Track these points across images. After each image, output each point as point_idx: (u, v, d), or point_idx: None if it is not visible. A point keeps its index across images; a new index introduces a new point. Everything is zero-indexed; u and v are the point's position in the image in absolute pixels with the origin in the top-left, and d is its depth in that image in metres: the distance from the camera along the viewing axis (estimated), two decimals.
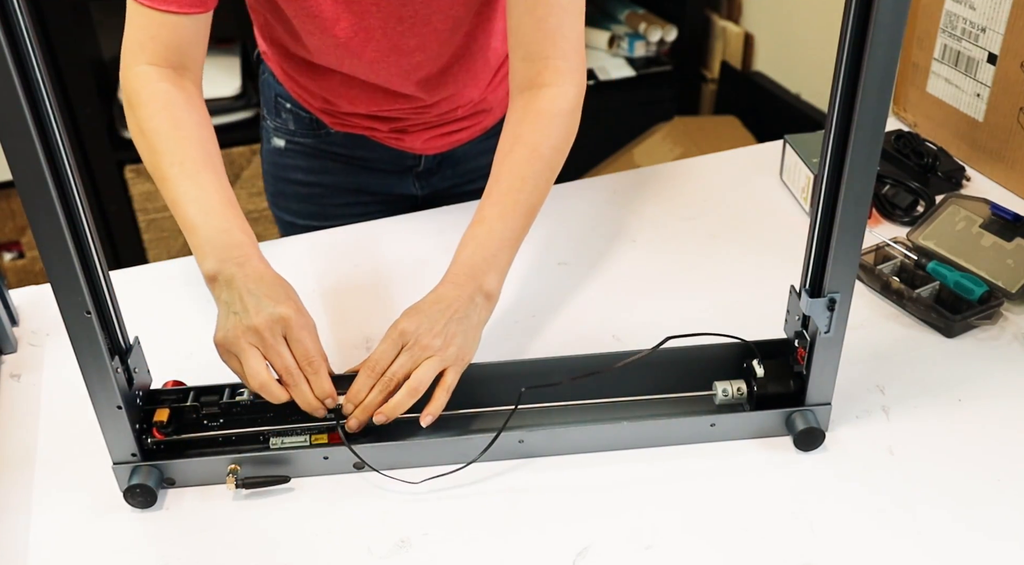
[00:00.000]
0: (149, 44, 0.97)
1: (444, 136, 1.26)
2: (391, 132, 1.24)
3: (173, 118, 0.96)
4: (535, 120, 0.97)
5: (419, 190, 1.33)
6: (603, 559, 0.81)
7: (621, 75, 2.59)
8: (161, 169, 0.95)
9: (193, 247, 0.93)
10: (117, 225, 2.40)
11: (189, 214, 0.94)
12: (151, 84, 0.97)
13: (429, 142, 1.26)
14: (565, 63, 0.98)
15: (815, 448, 0.90)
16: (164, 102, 0.97)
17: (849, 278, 0.82)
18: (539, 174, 0.97)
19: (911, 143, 1.34)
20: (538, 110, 0.98)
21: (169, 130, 0.96)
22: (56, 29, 2.14)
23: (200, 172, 0.95)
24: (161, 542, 0.84)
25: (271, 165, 1.33)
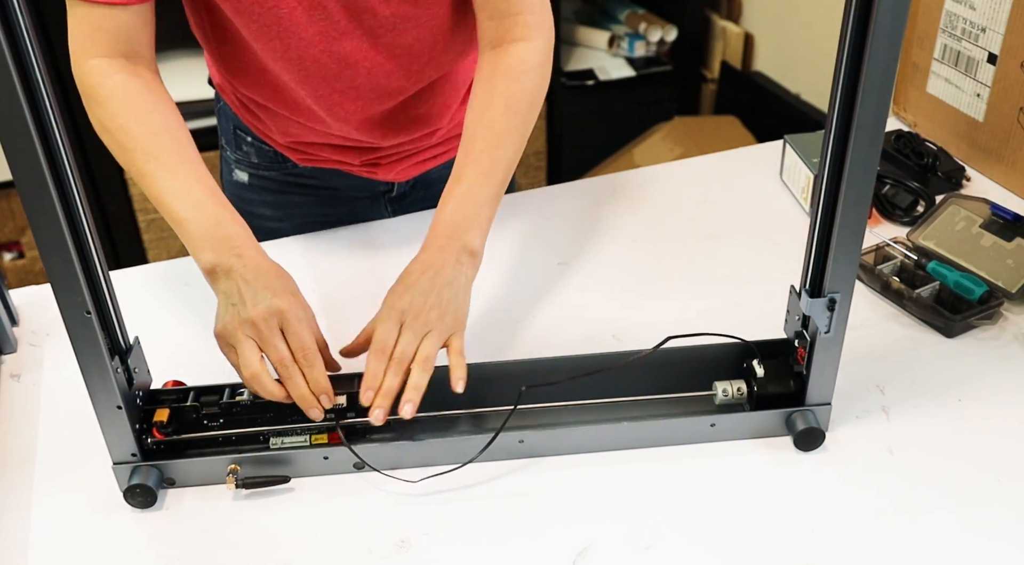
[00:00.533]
0: (96, 36, 0.94)
1: (418, 164, 1.24)
2: (363, 165, 1.21)
3: (138, 112, 0.94)
4: (507, 75, 0.97)
5: (391, 215, 1.30)
6: (603, 559, 0.81)
7: (621, 75, 2.59)
8: (137, 166, 0.93)
9: (186, 242, 0.92)
10: (117, 225, 2.40)
11: (177, 210, 0.91)
12: (107, 78, 0.94)
13: (403, 172, 1.24)
14: (533, 17, 0.98)
15: (815, 448, 0.90)
16: (125, 96, 0.94)
17: (849, 278, 0.82)
18: (515, 129, 0.97)
19: (911, 143, 1.34)
20: (509, 65, 0.97)
21: (137, 125, 0.93)
22: (56, 29, 2.14)
23: (178, 166, 0.93)
24: (161, 542, 0.84)
25: (234, 198, 1.27)
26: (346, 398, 0.90)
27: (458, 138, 1.18)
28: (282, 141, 1.20)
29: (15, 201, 2.32)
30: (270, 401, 0.89)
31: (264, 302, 0.87)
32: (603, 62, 2.63)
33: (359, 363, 1.02)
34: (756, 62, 2.59)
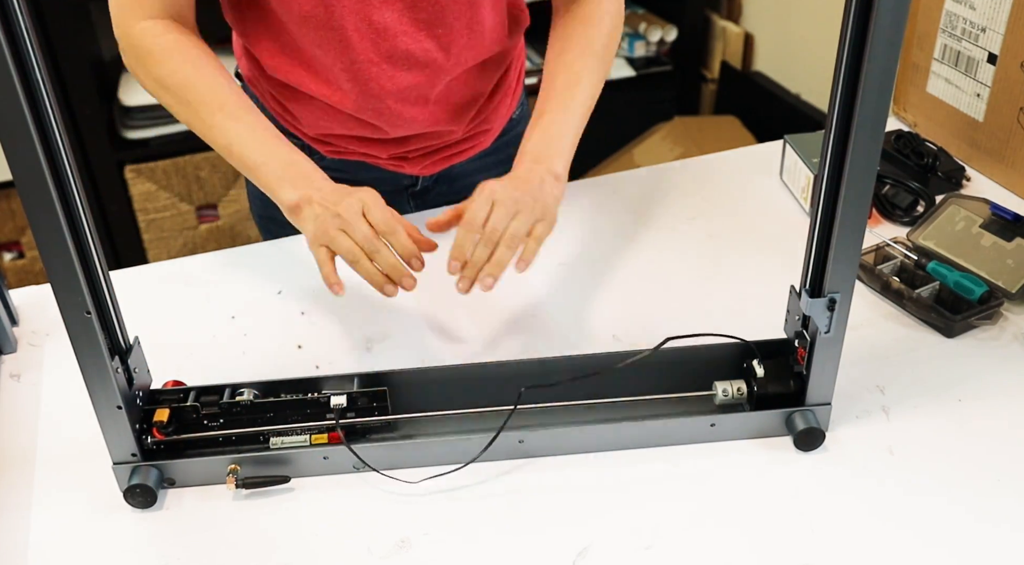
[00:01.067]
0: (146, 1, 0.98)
1: (445, 159, 1.26)
2: (390, 159, 1.22)
3: (196, 67, 0.98)
4: (583, 22, 1.04)
5: (413, 209, 1.31)
6: (603, 559, 0.81)
7: (621, 75, 2.59)
8: (201, 118, 0.98)
9: (264, 184, 0.97)
10: (117, 225, 2.40)
11: (249, 155, 0.97)
12: (160, 37, 0.98)
13: (429, 167, 1.25)
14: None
15: (815, 448, 0.90)
16: (181, 53, 0.99)
17: (849, 278, 0.82)
18: (593, 70, 1.03)
19: (911, 143, 1.34)
20: (585, 13, 1.04)
21: (198, 80, 0.98)
22: (56, 29, 2.14)
23: (243, 114, 0.98)
24: (161, 542, 0.84)
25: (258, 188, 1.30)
26: (346, 398, 0.90)
27: (483, 134, 1.26)
28: (311, 133, 1.21)
29: (15, 201, 2.32)
30: (270, 401, 0.90)
31: (345, 199, 0.92)
32: None
33: (360, 363, 1.03)
34: (756, 62, 2.59)
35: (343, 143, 1.21)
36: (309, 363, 1.03)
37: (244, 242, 2.27)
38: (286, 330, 1.08)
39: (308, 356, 1.04)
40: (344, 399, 0.90)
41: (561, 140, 0.99)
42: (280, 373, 0.94)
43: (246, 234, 2.52)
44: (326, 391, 0.91)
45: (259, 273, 1.19)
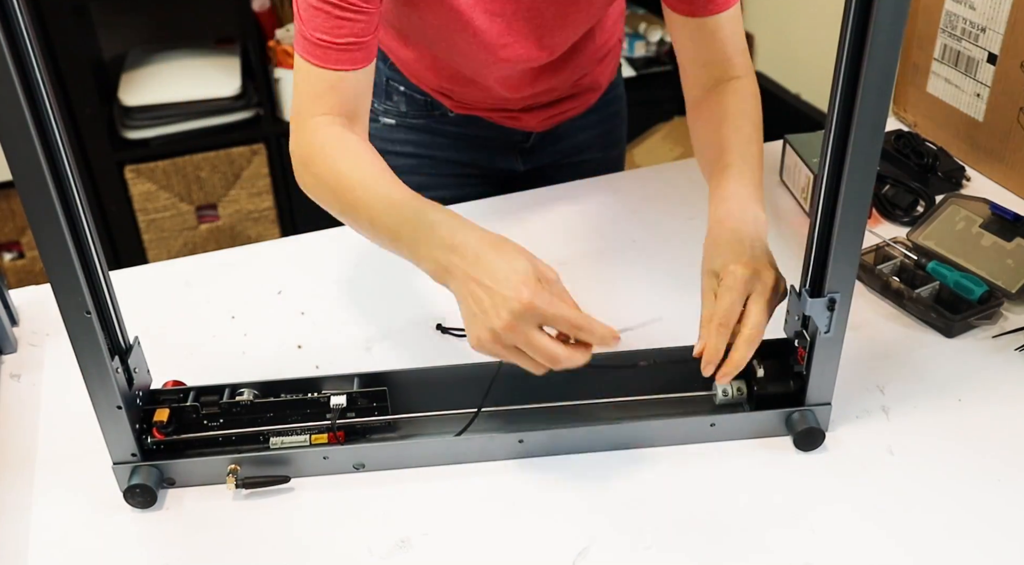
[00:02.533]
0: (327, 96, 0.95)
1: (556, 115, 1.31)
2: (508, 113, 1.28)
3: (356, 156, 0.94)
4: (733, 98, 1.05)
5: (521, 165, 1.37)
6: (603, 559, 0.81)
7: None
8: (348, 202, 0.92)
9: (407, 255, 0.88)
10: (117, 225, 2.41)
11: (386, 226, 0.89)
12: (324, 129, 0.95)
13: (544, 122, 1.31)
14: (742, 59, 1.08)
15: (815, 448, 0.90)
16: (343, 144, 0.95)
17: (849, 278, 0.82)
18: (755, 133, 1.03)
19: (911, 143, 1.34)
20: (734, 91, 1.06)
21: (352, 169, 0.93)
22: (56, 29, 2.14)
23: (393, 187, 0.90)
24: (161, 542, 0.84)
25: (378, 139, 1.28)
26: (346, 398, 0.90)
27: (590, 91, 1.33)
28: (438, 88, 1.26)
29: (15, 201, 2.32)
30: (270, 401, 0.90)
31: (505, 309, 0.78)
32: None
33: (360, 363, 1.03)
34: (756, 62, 2.59)
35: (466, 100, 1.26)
36: (309, 363, 1.03)
37: (244, 242, 2.27)
38: (286, 330, 1.08)
39: (308, 356, 1.04)
40: (344, 399, 0.90)
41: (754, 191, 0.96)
42: (280, 373, 0.94)
43: (246, 234, 2.52)
44: (326, 391, 0.91)
45: (259, 273, 1.19)
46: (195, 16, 2.50)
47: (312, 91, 0.96)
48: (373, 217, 0.90)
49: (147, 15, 2.51)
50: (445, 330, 1.06)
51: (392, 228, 0.88)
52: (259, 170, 2.43)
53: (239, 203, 2.47)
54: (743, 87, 1.06)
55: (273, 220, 2.52)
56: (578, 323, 0.80)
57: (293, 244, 1.25)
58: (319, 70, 0.94)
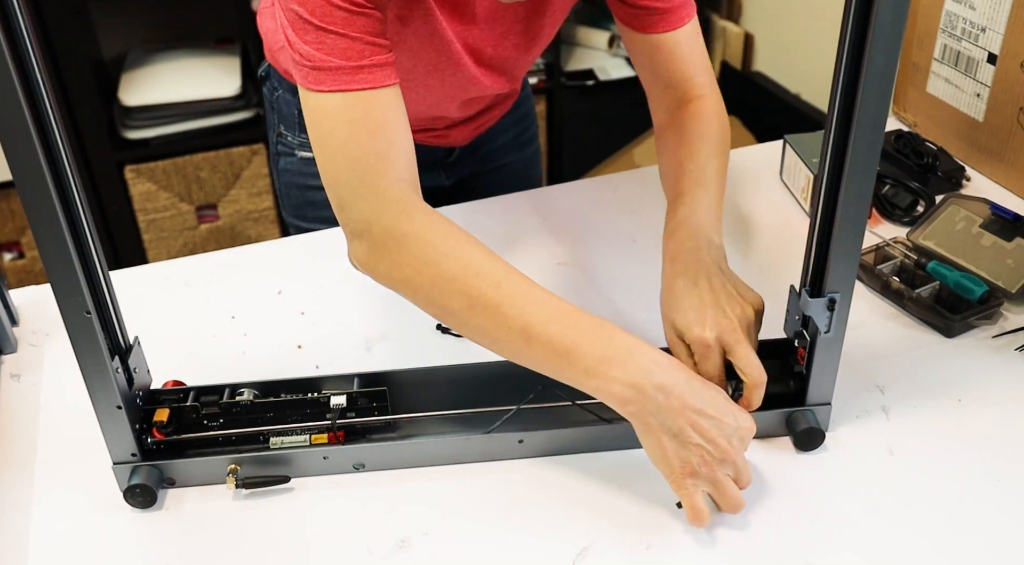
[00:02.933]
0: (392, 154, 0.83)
1: (481, 125, 1.29)
2: (434, 133, 1.26)
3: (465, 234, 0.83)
4: (692, 122, 1.02)
5: (447, 180, 1.35)
6: (603, 559, 0.81)
7: (621, 75, 2.59)
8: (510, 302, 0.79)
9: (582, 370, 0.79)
10: (117, 225, 2.40)
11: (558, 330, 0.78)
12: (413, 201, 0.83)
13: (469, 135, 1.29)
14: (705, 78, 1.05)
15: (815, 448, 0.90)
16: (442, 221, 0.83)
17: (849, 278, 0.82)
18: (714, 156, 1.00)
19: (911, 143, 1.34)
20: (693, 113, 1.03)
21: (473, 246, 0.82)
22: (56, 29, 2.14)
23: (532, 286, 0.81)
24: (161, 542, 0.84)
25: (296, 176, 1.29)
26: (346, 398, 0.90)
27: (510, 98, 1.31)
28: None
29: (15, 201, 2.32)
30: (270, 401, 0.90)
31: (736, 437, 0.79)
32: (603, 62, 2.63)
33: (360, 363, 1.03)
34: (756, 62, 2.59)
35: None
36: (309, 363, 1.03)
37: (244, 242, 2.27)
38: (286, 330, 1.08)
39: (308, 356, 1.04)
40: (344, 399, 0.90)
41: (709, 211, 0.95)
42: (280, 373, 0.95)
43: (246, 234, 2.52)
44: (326, 391, 0.91)
45: (259, 273, 1.19)
46: (195, 16, 2.50)
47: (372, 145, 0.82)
48: (532, 326, 0.78)
49: (147, 15, 2.51)
50: (445, 330, 1.06)
51: (566, 343, 0.78)
52: (259, 170, 2.43)
53: (239, 203, 2.47)
54: (704, 107, 1.03)
55: (273, 220, 2.52)
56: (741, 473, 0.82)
57: (293, 244, 1.25)
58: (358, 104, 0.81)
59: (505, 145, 1.37)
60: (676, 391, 0.77)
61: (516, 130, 1.38)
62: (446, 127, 1.25)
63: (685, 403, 0.77)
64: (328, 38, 0.80)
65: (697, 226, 0.93)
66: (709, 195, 0.96)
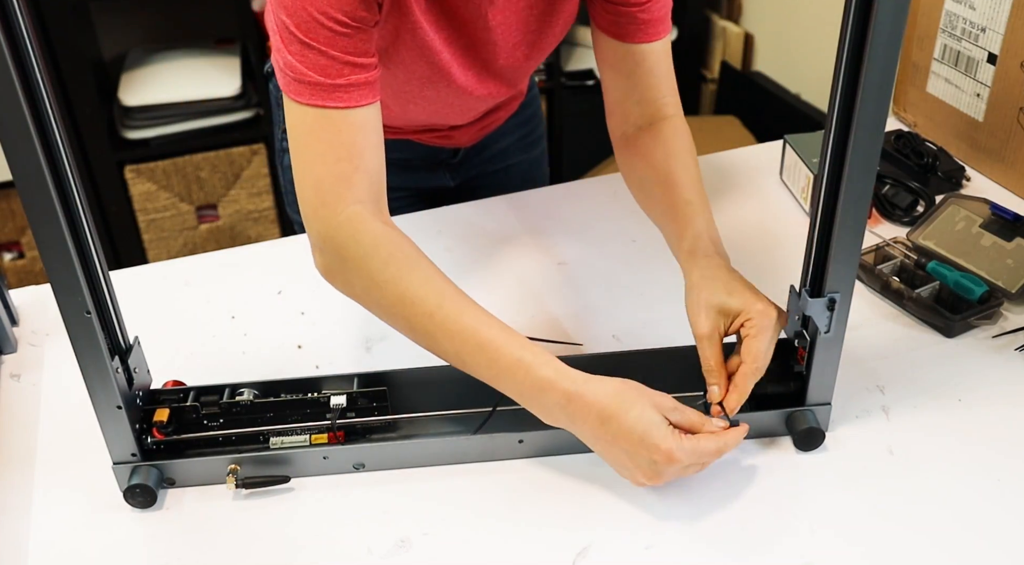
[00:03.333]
0: (354, 177, 0.86)
1: (487, 126, 1.29)
2: (439, 133, 1.26)
3: (408, 258, 0.86)
4: (674, 137, 1.03)
5: (451, 181, 1.34)
6: (603, 559, 0.81)
7: None
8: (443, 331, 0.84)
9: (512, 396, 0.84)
10: (117, 225, 2.41)
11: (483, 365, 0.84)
12: (366, 226, 0.86)
13: (474, 136, 1.29)
14: (673, 98, 1.05)
15: (815, 448, 0.90)
16: (391, 244, 0.86)
17: (849, 278, 0.82)
18: (698, 173, 1.01)
19: (911, 143, 1.34)
20: (673, 129, 1.03)
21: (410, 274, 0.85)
22: (56, 29, 2.14)
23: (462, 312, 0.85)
24: (161, 542, 0.84)
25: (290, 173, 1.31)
26: (346, 398, 0.90)
27: (515, 100, 1.31)
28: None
29: (15, 201, 2.32)
30: (270, 401, 0.90)
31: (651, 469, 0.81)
32: None
33: (360, 363, 1.03)
34: (756, 62, 2.59)
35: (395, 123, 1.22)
36: (309, 363, 1.03)
37: (244, 242, 2.27)
38: (286, 330, 1.08)
39: (308, 356, 1.04)
40: (344, 399, 0.90)
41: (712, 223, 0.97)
42: (280, 373, 0.95)
43: (246, 234, 2.52)
44: (326, 391, 0.91)
45: (259, 273, 1.19)
46: (195, 16, 2.50)
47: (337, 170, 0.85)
48: (462, 354, 0.84)
49: (147, 15, 2.51)
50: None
51: (490, 374, 0.84)
52: (259, 170, 2.43)
53: (239, 203, 2.47)
54: (680, 126, 1.04)
55: (273, 220, 2.52)
56: (716, 448, 0.82)
57: (293, 244, 1.25)
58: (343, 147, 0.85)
59: (511, 146, 1.37)
60: (591, 429, 0.81)
61: (522, 131, 1.38)
62: (451, 128, 1.25)
63: (599, 437, 0.81)
64: (310, 54, 0.83)
65: (716, 235, 0.95)
66: (709, 212, 0.97)
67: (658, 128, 1.03)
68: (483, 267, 1.17)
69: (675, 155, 1.01)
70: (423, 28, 0.95)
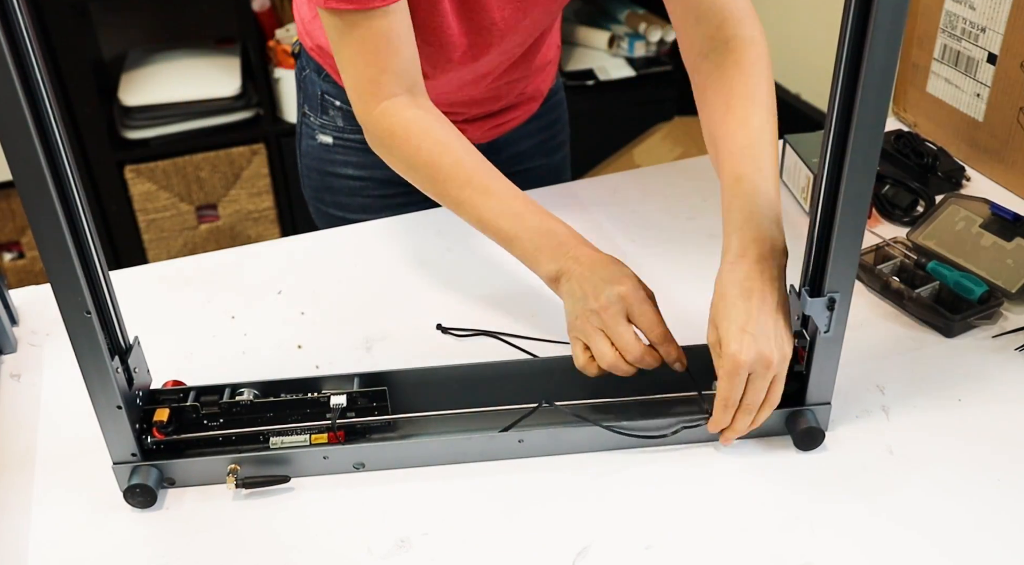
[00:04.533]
0: (383, 79, 0.96)
1: (499, 125, 1.30)
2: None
3: (438, 143, 0.97)
4: (739, 71, 0.95)
5: None
6: (603, 559, 0.81)
7: (621, 75, 2.59)
8: (451, 195, 0.97)
9: (521, 256, 0.96)
10: (117, 225, 2.41)
11: (505, 229, 0.95)
12: (400, 115, 0.97)
13: (487, 133, 1.29)
14: (740, 11, 0.97)
15: (815, 447, 0.90)
16: (422, 131, 0.97)
17: (849, 277, 0.82)
18: (768, 123, 0.94)
19: (911, 143, 1.34)
20: (736, 61, 0.95)
21: (441, 156, 0.97)
22: (56, 29, 2.14)
23: (490, 185, 0.96)
24: (161, 542, 0.84)
25: (316, 161, 1.32)
26: (345, 398, 0.90)
27: (532, 101, 1.31)
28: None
29: (15, 201, 2.32)
30: (270, 401, 0.90)
31: (605, 292, 0.88)
32: (603, 62, 2.63)
33: (360, 363, 1.03)
34: None
35: None
36: (309, 363, 1.03)
37: (244, 242, 2.27)
38: (286, 330, 1.08)
39: (308, 356, 1.04)
40: (344, 399, 0.90)
41: (774, 204, 0.90)
42: (280, 373, 0.95)
43: (246, 234, 2.52)
44: (326, 391, 0.91)
45: (259, 273, 1.19)
46: (195, 16, 2.50)
47: (366, 75, 0.95)
48: (483, 216, 0.95)
49: (147, 15, 2.51)
50: (445, 330, 1.06)
51: (509, 233, 0.95)
52: (259, 170, 2.43)
53: (239, 203, 2.47)
54: (747, 54, 0.95)
55: (273, 220, 2.52)
56: (662, 331, 0.89)
57: (293, 244, 1.25)
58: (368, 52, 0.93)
59: (531, 149, 1.37)
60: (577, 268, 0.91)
61: (544, 135, 1.38)
62: (464, 121, 1.25)
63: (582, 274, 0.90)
64: None
65: (763, 224, 0.88)
66: (767, 181, 0.90)
67: (724, 61, 0.95)
68: (483, 267, 1.17)
69: (735, 107, 0.94)
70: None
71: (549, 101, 1.36)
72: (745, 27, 0.97)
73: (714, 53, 0.97)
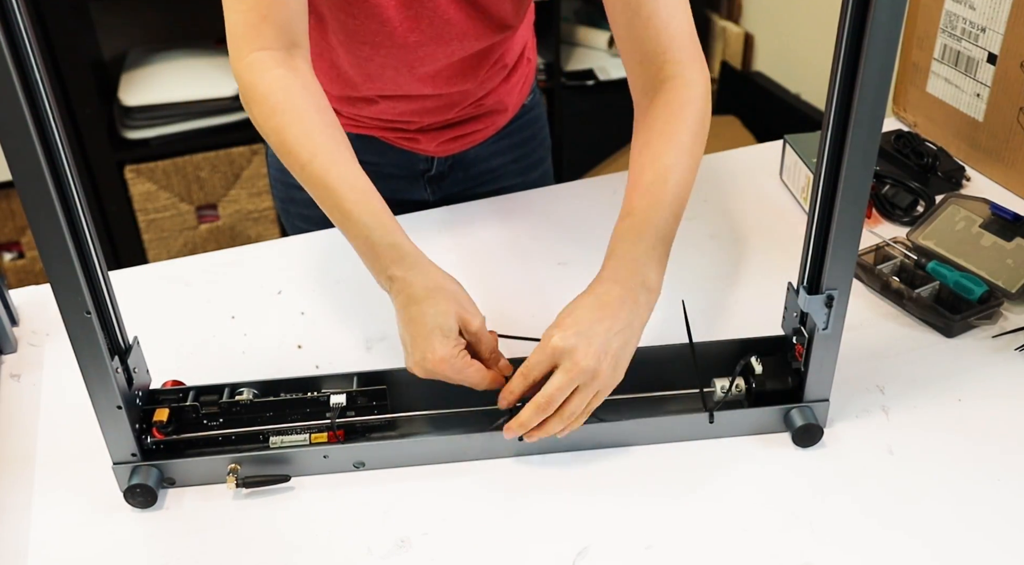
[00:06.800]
0: (262, 27, 0.91)
1: (458, 138, 1.26)
2: (405, 134, 1.24)
3: (293, 110, 0.91)
4: (665, 111, 0.94)
5: (431, 195, 1.32)
6: (603, 559, 0.81)
7: (621, 75, 2.58)
8: (295, 169, 0.92)
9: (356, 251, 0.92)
10: (117, 225, 2.41)
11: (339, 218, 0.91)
12: (267, 72, 0.91)
13: (443, 145, 1.26)
14: (683, 53, 0.95)
15: (813, 444, 0.90)
16: (281, 91, 0.91)
17: (847, 275, 0.82)
18: (681, 164, 0.92)
19: (911, 143, 1.34)
20: (667, 101, 0.95)
21: (290, 125, 0.90)
22: (56, 29, 2.14)
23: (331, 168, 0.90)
24: (161, 542, 0.84)
25: (279, 172, 1.31)
26: (345, 397, 0.90)
27: (496, 114, 1.26)
28: (333, 92, 1.19)
29: (15, 201, 2.32)
30: (270, 400, 0.90)
31: (420, 367, 0.86)
32: (603, 62, 2.63)
33: (360, 363, 1.03)
34: (756, 62, 2.60)
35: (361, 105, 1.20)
36: (309, 363, 1.03)
37: (244, 242, 2.27)
38: (286, 330, 1.08)
39: (308, 356, 1.04)
40: (344, 398, 0.90)
41: (657, 246, 0.89)
42: (280, 373, 0.95)
43: (246, 234, 2.52)
44: (326, 390, 0.91)
45: (259, 273, 1.19)
46: (195, 16, 2.50)
47: (246, 22, 0.92)
48: (324, 207, 0.91)
49: (147, 15, 2.51)
50: None
51: (343, 229, 0.91)
52: (259, 170, 2.43)
53: (239, 203, 2.47)
54: (677, 95, 0.94)
55: (273, 220, 2.52)
56: (478, 381, 0.87)
57: (293, 244, 1.25)
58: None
59: (504, 167, 1.34)
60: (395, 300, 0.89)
61: (518, 152, 1.35)
62: (417, 130, 1.23)
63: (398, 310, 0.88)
64: None
65: (641, 260, 0.89)
66: (661, 217, 0.90)
67: (656, 99, 0.95)
68: (483, 267, 1.17)
69: (652, 143, 0.93)
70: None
71: (522, 117, 1.32)
72: (686, 69, 0.96)
73: (652, 91, 0.96)
